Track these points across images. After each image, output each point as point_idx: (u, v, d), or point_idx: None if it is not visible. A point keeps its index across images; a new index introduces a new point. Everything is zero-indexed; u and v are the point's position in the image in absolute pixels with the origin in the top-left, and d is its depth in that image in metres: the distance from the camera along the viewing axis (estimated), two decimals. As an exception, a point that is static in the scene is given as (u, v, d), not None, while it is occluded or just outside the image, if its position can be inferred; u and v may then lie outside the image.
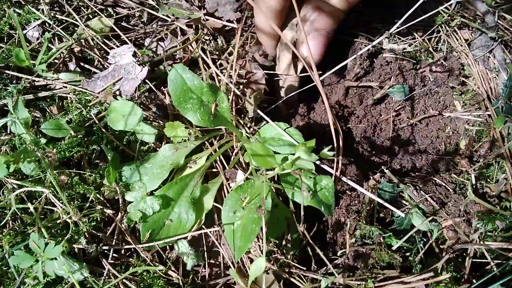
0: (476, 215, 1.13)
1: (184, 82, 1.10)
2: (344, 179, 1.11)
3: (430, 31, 1.56)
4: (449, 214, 1.13)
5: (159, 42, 1.45)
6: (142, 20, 1.51)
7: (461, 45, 1.55)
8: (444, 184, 1.18)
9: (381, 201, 1.06)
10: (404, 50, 1.53)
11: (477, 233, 1.11)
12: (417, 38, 1.55)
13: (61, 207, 1.10)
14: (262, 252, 1.07)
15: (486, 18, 1.54)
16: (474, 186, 1.19)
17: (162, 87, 1.32)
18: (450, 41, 1.55)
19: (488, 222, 1.12)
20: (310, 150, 0.87)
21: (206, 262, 1.14)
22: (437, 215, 1.13)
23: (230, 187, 1.20)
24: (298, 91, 1.41)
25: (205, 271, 1.14)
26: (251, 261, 1.11)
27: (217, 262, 1.16)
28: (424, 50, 1.54)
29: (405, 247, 1.10)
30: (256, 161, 1.02)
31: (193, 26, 1.46)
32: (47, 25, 1.39)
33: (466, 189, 1.18)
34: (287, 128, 1.19)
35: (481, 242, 1.13)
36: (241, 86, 1.34)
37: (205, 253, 1.15)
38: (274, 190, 1.09)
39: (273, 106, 1.39)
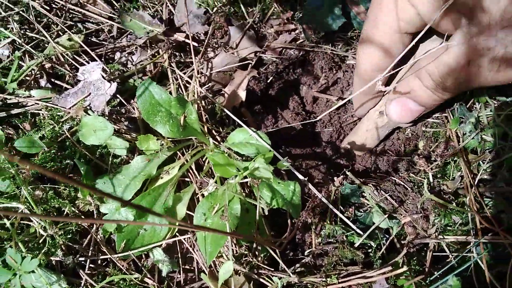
0: (433, 211, 1.20)
1: (152, 96, 1.14)
2: (310, 186, 1.17)
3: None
4: (408, 211, 1.20)
5: (129, 56, 1.49)
6: (112, 34, 1.55)
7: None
8: (402, 183, 1.26)
9: (331, 207, 1.13)
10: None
11: (434, 228, 1.18)
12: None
13: (37, 222, 1.13)
14: (232, 256, 1.13)
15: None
16: (431, 184, 1.27)
17: (132, 101, 1.36)
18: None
19: (444, 217, 1.20)
20: (268, 160, 0.93)
21: (181, 268, 1.19)
22: (397, 212, 1.20)
23: (203, 195, 1.25)
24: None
25: (180, 277, 1.18)
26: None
27: (192, 268, 1.21)
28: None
29: (368, 244, 1.17)
30: (217, 170, 1.07)
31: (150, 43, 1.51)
32: (17, 43, 1.41)
33: (423, 187, 1.25)
34: (255, 131, 1.25)
35: (440, 237, 1.21)
36: (208, 96, 1.39)
37: (180, 259, 1.20)
38: (243, 196, 1.15)
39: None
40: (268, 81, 1.59)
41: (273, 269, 1.10)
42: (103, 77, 1.32)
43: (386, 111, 1.26)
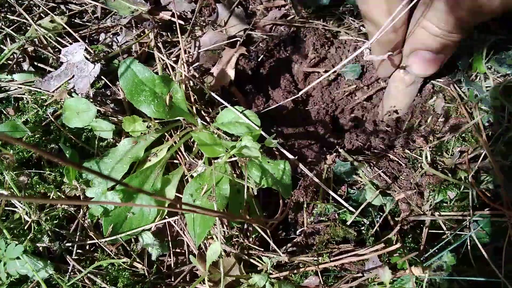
0: (427, 187, 1.17)
1: (135, 75, 1.11)
2: (300, 165, 1.14)
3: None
4: (402, 187, 1.17)
5: (114, 37, 1.45)
6: (96, 15, 1.51)
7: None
8: (397, 160, 1.23)
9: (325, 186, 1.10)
10: (359, 32, 1.56)
11: (428, 204, 1.16)
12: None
13: (21, 208, 1.10)
14: (223, 238, 1.11)
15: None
16: (428, 160, 1.23)
17: (117, 82, 1.32)
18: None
19: (439, 193, 1.17)
20: (255, 138, 0.90)
21: (171, 251, 1.17)
22: (391, 189, 1.18)
23: (192, 177, 1.22)
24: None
25: (170, 260, 1.16)
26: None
27: (182, 251, 1.19)
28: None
29: (362, 222, 1.14)
30: (203, 150, 1.04)
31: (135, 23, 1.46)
32: (-3, 26, 1.37)
33: (418, 163, 1.22)
34: (243, 111, 1.21)
35: (436, 213, 1.18)
36: (196, 76, 1.35)
37: (170, 242, 1.17)
38: (232, 177, 1.12)
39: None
40: (259, 60, 1.55)
41: (263, 250, 1.07)
42: (86, 58, 1.28)
43: (408, 67, 1.22)
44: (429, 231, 1.19)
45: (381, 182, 1.19)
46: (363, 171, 1.20)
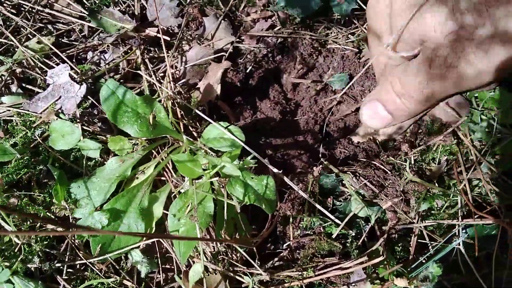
0: (413, 195, 1.17)
1: (117, 97, 1.12)
2: (285, 178, 1.14)
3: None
4: (388, 195, 1.18)
5: (101, 55, 1.46)
6: (83, 34, 1.52)
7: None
8: (382, 167, 1.23)
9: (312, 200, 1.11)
10: (347, 40, 1.57)
11: (414, 211, 1.16)
12: (359, 26, 1.58)
13: (12, 230, 1.12)
14: (210, 254, 1.12)
15: None
16: (412, 167, 1.23)
17: (103, 102, 1.34)
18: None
19: (426, 201, 1.17)
20: (234, 158, 0.91)
21: (160, 268, 1.18)
22: (377, 198, 1.18)
23: (180, 193, 1.24)
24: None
25: (159, 277, 1.17)
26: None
27: (172, 267, 1.20)
28: (365, 39, 1.58)
29: (347, 234, 1.14)
30: (182, 172, 1.05)
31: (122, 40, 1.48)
32: (-15, 49, 1.40)
33: (403, 171, 1.22)
34: (228, 126, 1.22)
35: (424, 222, 1.18)
36: (183, 92, 1.37)
37: (159, 259, 1.19)
38: (215, 194, 1.13)
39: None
40: (247, 71, 1.56)
41: (247, 267, 1.08)
42: (72, 78, 1.29)
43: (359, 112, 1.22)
44: (418, 240, 1.19)
45: (367, 191, 1.19)
46: (348, 182, 1.20)
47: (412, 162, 1.23)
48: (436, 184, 1.20)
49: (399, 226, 1.18)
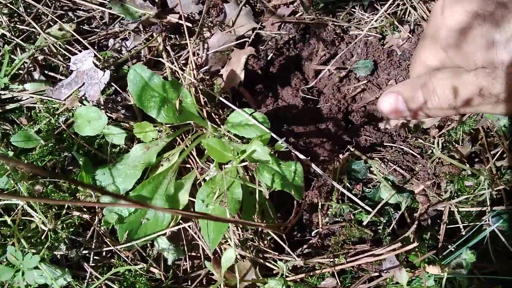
0: (444, 178, 1.15)
1: (144, 81, 1.11)
2: (312, 165, 1.12)
3: (395, 4, 1.55)
4: (419, 179, 1.15)
5: (122, 42, 1.45)
6: (104, 21, 1.51)
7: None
8: (411, 151, 1.20)
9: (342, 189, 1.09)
10: (371, 27, 1.54)
11: (448, 194, 1.13)
12: (383, 12, 1.55)
13: (38, 217, 1.11)
14: (238, 241, 1.10)
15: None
16: (440, 149, 1.20)
17: (127, 88, 1.32)
18: (417, 12, 1.55)
19: (457, 183, 1.15)
20: (265, 142, 0.89)
21: (187, 255, 1.17)
22: (408, 182, 1.16)
23: (205, 180, 1.22)
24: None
25: (186, 264, 1.16)
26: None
27: (198, 254, 1.19)
28: (389, 25, 1.55)
29: (378, 222, 1.13)
30: (212, 156, 1.03)
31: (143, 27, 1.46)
32: (7, 36, 1.38)
33: (432, 154, 1.20)
34: (252, 113, 1.20)
35: (454, 207, 1.16)
36: (206, 78, 1.35)
37: (185, 246, 1.17)
38: (243, 180, 1.11)
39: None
40: (268, 58, 1.54)
41: (278, 253, 1.06)
42: (96, 65, 1.28)
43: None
44: (448, 227, 1.17)
45: (397, 177, 1.17)
46: (377, 168, 1.18)
47: (439, 143, 1.21)
48: (467, 165, 1.17)
49: (430, 210, 1.16)
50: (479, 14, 0.74)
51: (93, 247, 1.13)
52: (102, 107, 1.23)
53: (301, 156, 1.14)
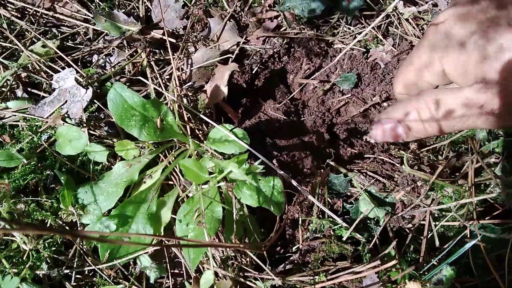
0: (424, 184, 1.16)
1: (124, 101, 1.11)
2: (292, 181, 1.13)
3: (380, 18, 1.57)
4: (399, 185, 1.16)
5: (106, 58, 1.45)
6: (88, 37, 1.51)
7: (414, 29, 1.56)
8: (390, 161, 1.21)
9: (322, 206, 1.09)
10: (355, 40, 1.55)
11: (428, 200, 1.14)
12: (366, 26, 1.56)
13: (19, 237, 1.11)
14: (220, 259, 1.10)
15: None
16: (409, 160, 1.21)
17: (110, 106, 1.33)
18: (402, 26, 1.56)
19: (439, 190, 1.15)
20: (242, 163, 0.89)
21: (169, 273, 1.17)
22: (388, 190, 1.16)
23: (188, 197, 1.22)
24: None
25: (169, 282, 1.16)
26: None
27: (181, 272, 1.19)
28: (372, 38, 1.56)
29: (358, 237, 1.13)
30: (188, 177, 1.04)
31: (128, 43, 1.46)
32: (-10, 54, 1.39)
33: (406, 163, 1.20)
34: (232, 129, 1.21)
35: (435, 222, 1.17)
36: (189, 94, 1.35)
37: (168, 264, 1.17)
38: (220, 200, 1.11)
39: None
40: (253, 72, 1.54)
41: (258, 272, 1.07)
42: (78, 82, 1.28)
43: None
44: (429, 242, 1.18)
45: (378, 185, 1.17)
46: (357, 180, 1.18)
47: (409, 161, 1.21)
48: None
49: (413, 223, 1.16)
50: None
51: (75, 266, 1.12)
52: (85, 125, 1.24)
53: (281, 172, 1.14)
